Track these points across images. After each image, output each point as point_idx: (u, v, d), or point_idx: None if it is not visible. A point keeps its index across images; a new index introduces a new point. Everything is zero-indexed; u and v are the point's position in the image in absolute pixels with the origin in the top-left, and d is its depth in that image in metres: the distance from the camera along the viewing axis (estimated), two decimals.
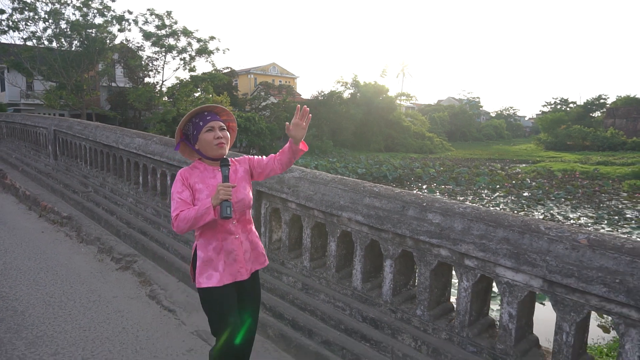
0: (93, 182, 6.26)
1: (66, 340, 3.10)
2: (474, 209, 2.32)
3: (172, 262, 4.18)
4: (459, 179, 29.35)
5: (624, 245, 1.86)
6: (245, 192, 2.13)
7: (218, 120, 2.08)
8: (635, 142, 45.33)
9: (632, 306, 1.78)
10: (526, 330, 2.28)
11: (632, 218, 19.58)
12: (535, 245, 2.03)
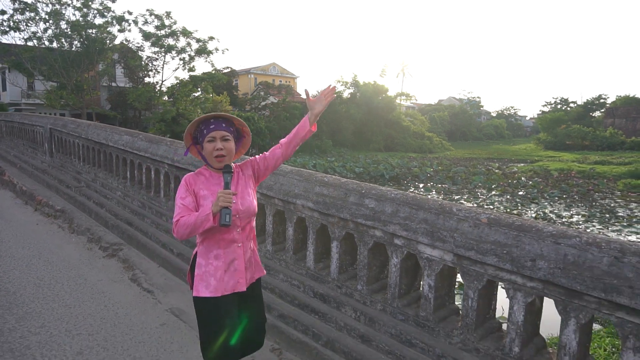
0: (85, 178, 6.63)
1: (52, 315, 3.46)
2: (402, 195, 2.67)
3: (154, 249, 4.53)
4: (456, 178, 29.65)
5: (514, 223, 2.20)
6: (250, 200, 2.10)
7: (221, 130, 2.01)
8: (634, 141, 45.49)
9: (517, 273, 2.12)
10: (446, 300, 2.63)
11: (624, 216, 19.83)
12: (447, 225, 2.38)
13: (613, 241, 1.92)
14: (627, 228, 17.66)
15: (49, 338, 3.12)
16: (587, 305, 1.95)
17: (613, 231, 17.12)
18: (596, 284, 1.86)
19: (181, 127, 34.20)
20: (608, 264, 1.85)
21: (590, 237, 1.97)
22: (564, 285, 1.95)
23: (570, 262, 1.94)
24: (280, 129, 45.90)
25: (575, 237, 2.00)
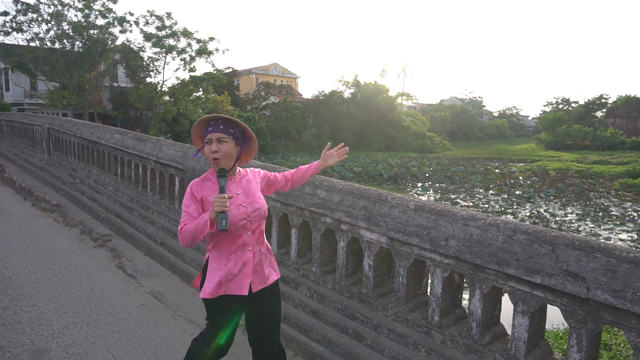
0: (80, 174, 7.01)
1: (43, 297, 3.83)
2: (348, 186, 3.02)
3: (140, 239, 4.90)
4: (454, 178, 29.94)
5: (435, 209, 2.55)
6: (261, 202, 2.09)
7: (217, 132, 1.98)
8: (634, 141, 45.61)
9: (434, 251, 2.47)
10: (386, 279, 2.98)
11: (617, 215, 20.09)
12: (382, 211, 2.72)
13: (510, 222, 2.26)
14: (619, 226, 17.94)
15: (39, 315, 3.49)
16: (487, 277, 2.29)
17: (605, 229, 17.42)
18: (492, 258, 2.20)
19: (182, 126, 34.63)
20: (502, 241, 2.20)
21: (493, 220, 2.32)
22: (469, 260, 2.29)
23: (475, 240, 2.29)
24: (280, 128, 46.30)
25: (481, 219, 2.34)
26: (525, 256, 2.09)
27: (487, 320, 2.40)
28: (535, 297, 2.12)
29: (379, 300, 2.84)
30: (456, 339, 2.44)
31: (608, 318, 1.91)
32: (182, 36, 34.74)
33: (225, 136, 1.98)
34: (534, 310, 2.15)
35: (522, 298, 2.18)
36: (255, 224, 2.07)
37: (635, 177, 29.13)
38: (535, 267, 2.05)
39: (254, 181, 2.16)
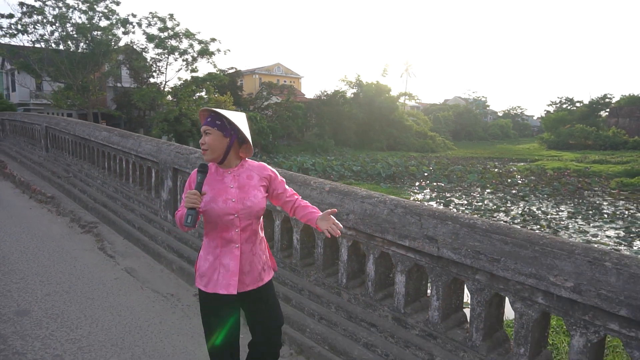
0: (73, 169, 7.62)
1: (31, 272, 4.42)
2: (282, 172, 3.57)
3: (121, 225, 5.48)
4: (451, 177, 30.36)
5: (343, 190, 3.09)
6: (255, 201, 2.04)
7: (205, 124, 2.03)
8: (637, 141, 45.69)
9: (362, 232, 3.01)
10: (312, 250, 3.53)
11: (609, 213, 20.42)
12: (304, 192, 3.27)
13: (394, 199, 2.81)
14: (609, 224, 18.28)
15: (26, 285, 4.08)
16: (377, 243, 2.84)
17: (594, 227, 17.79)
18: (378, 228, 2.74)
19: (183, 126, 35.33)
20: (386, 214, 2.74)
21: (382, 198, 2.86)
22: (362, 230, 2.84)
23: (367, 214, 2.83)
24: (282, 128, 46.89)
25: (374, 197, 2.89)
26: (400, 225, 2.64)
27: (381, 281, 2.95)
28: (409, 258, 2.67)
29: (305, 269, 3.39)
30: (358, 297, 2.99)
31: (454, 271, 2.45)
32: (184, 37, 35.48)
33: (210, 128, 2.00)
34: (409, 268, 2.70)
35: (400, 259, 2.72)
36: (244, 221, 2.02)
37: (632, 176, 29.39)
38: (406, 234, 2.59)
39: (257, 177, 2.11)
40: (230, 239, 2.02)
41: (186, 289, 4.09)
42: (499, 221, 18.02)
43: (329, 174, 30.72)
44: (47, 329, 3.31)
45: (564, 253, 2.02)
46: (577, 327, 2.00)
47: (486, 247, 2.24)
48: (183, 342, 3.22)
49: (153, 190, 5.30)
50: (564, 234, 16.46)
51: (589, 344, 1.97)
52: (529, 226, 17.37)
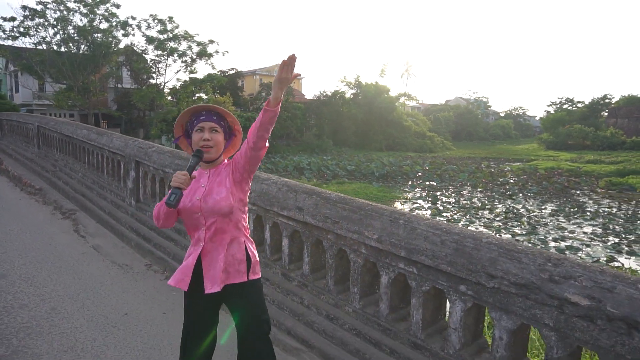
0: (60, 164, 8.48)
1: (12, 248, 5.25)
2: None
3: (95, 211, 6.31)
4: (444, 176, 31.06)
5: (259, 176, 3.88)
6: (218, 198, 1.99)
7: (210, 122, 2.00)
8: (634, 141, 46.07)
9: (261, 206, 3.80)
10: None
11: (591, 211, 21.04)
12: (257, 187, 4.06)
13: (286, 181, 3.59)
14: (589, 221, 18.92)
15: (6, 257, 4.91)
16: (270, 215, 3.62)
17: (574, 224, 18.45)
18: (269, 202, 3.53)
19: None
20: (275, 191, 3.53)
21: (275, 179, 3.64)
22: (260, 205, 3.63)
23: (264, 192, 3.62)
24: (281, 128, 47.72)
25: (270, 180, 3.67)
26: (283, 199, 3.42)
27: (276, 246, 3.73)
28: (289, 225, 3.45)
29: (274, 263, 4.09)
30: (296, 277, 3.72)
31: (315, 233, 3.23)
32: (182, 39, 36.46)
33: (217, 127, 2.01)
34: (290, 233, 3.48)
35: (285, 227, 3.51)
36: (209, 219, 2.00)
37: (623, 175, 29.93)
38: (285, 206, 3.38)
39: (224, 172, 2.07)
40: (198, 238, 2.03)
41: (139, 261, 4.90)
42: (482, 218, 18.77)
43: (324, 173, 31.50)
44: (19, 287, 4.13)
45: (377, 215, 2.80)
46: (383, 268, 2.78)
47: (332, 213, 3.03)
48: (127, 297, 4.02)
49: (122, 180, 6.12)
50: (541, 230, 17.17)
51: (390, 280, 2.75)
52: (509, 223, 18.09)
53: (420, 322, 2.58)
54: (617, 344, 1.83)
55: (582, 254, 14.32)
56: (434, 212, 19.93)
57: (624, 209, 21.68)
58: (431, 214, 19.48)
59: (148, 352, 3.12)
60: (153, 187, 5.38)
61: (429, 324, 2.60)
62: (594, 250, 14.89)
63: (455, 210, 20.60)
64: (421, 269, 2.53)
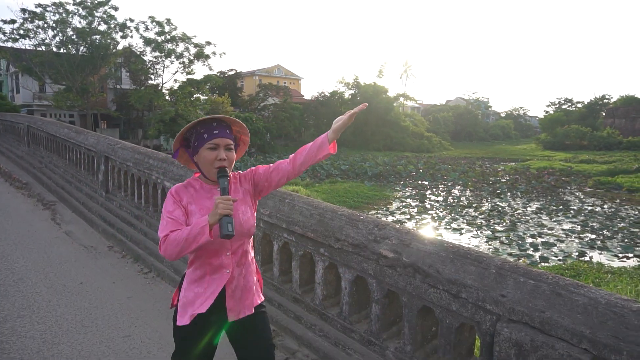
0: (45, 160, 9.21)
1: None
2: (161, 155, 5.06)
3: (72, 202, 7.02)
4: (436, 175, 31.68)
5: None
6: (245, 218, 1.85)
7: (225, 137, 1.81)
8: (630, 141, 46.46)
9: None
10: None
11: (575, 209, 21.60)
12: (169, 168, 4.74)
13: None
14: (570, 219, 19.48)
15: None
16: None
17: (555, 221, 19.03)
18: None
19: (179, 126, 36.96)
20: None
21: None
22: None
23: None
24: (279, 129, 48.49)
25: None
26: None
27: None
28: None
29: None
30: None
31: None
32: (180, 41, 37.25)
33: (232, 144, 1.84)
34: None
35: None
36: (236, 242, 1.83)
37: (613, 175, 30.43)
38: None
39: (241, 189, 1.90)
40: (220, 265, 1.82)
41: (104, 243, 5.60)
42: (466, 216, 19.36)
43: (318, 172, 32.18)
44: None
45: (271, 196, 3.47)
46: (274, 238, 3.45)
47: None
48: (85, 271, 4.72)
49: (95, 174, 6.83)
50: (522, 227, 17.76)
51: (279, 248, 3.42)
52: (492, 220, 18.70)
53: (298, 281, 3.25)
54: (407, 285, 2.49)
55: (556, 249, 14.90)
56: (420, 210, 20.56)
57: (606, 207, 22.22)
58: (417, 212, 20.10)
59: (93, 311, 3.80)
60: (119, 180, 6.09)
61: (305, 283, 3.27)
62: (567, 245, 15.48)
63: (442, 208, 21.21)
64: (297, 237, 3.20)
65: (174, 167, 4.72)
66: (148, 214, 5.31)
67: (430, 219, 18.67)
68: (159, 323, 3.59)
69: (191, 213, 1.78)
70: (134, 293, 4.17)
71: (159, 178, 4.91)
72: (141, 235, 5.12)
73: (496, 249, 14.48)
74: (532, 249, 14.80)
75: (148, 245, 4.86)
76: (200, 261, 1.83)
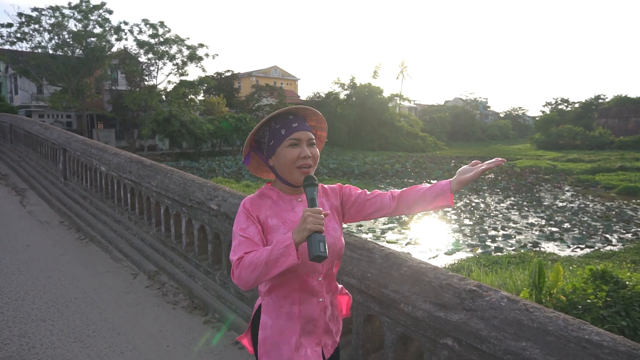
0: (24, 155, 10.47)
1: None
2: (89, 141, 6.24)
3: (39, 189, 8.24)
4: (421, 174, 32.81)
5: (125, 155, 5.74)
6: (337, 236, 1.57)
7: (307, 130, 1.49)
8: (621, 141, 47.29)
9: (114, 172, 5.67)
10: None
11: (547, 205, 22.64)
12: (106, 157, 5.92)
13: (135, 157, 5.43)
14: (539, 214, 20.51)
15: None
16: (121, 179, 5.47)
17: (522, 215, 20.08)
18: (120, 169, 5.38)
19: (172, 126, 38.13)
20: (124, 162, 5.37)
21: (128, 155, 5.49)
22: (114, 172, 5.48)
23: (120, 164, 5.47)
24: None
25: (122, 155, 5.52)
26: (126, 166, 5.27)
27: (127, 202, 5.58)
28: (128, 182, 5.30)
29: (116, 205, 6.03)
30: (129, 215, 5.61)
31: (139, 187, 5.07)
32: (173, 43, 38.60)
33: (314, 138, 1.54)
34: (131, 188, 5.32)
35: (124, 182, 5.35)
36: (327, 265, 1.55)
37: (594, 173, 31.40)
38: (129, 170, 5.22)
39: (327, 204, 1.63)
40: (311, 291, 1.54)
41: (57, 219, 6.80)
42: (439, 211, 20.35)
43: None
44: None
45: (159, 172, 4.63)
46: (160, 203, 4.62)
47: (144, 173, 4.87)
48: (34, 238, 5.92)
49: (57, 164, 8.04)
50: (489, 221, 18.82)
51: (163, 211, 4.58)
52: (463, 214, 19.78)
53: (174, 235, 4.42)
54: (223, 227, 3.64)
55: (514, 240, 15.97)
56: None
57: (577, 202, 23.24)
58: None
59: (29, 263, 4.99)
60: (74, 167, 7.29)
61: (180, 236, 4.43)
62: (526, 237, 16.59)
63: None
64: (171, 201, 4.37)
65: (106, 154, 5.90)
66: (91, 194, 6.51)
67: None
68: (77, 270, 4.77)
69: (272, 229, 1.49)
70: (66, 252, 5.36)
71: (97, 164, 6.11)
72: (84, 211, 6.31)
73: (457, 240, 15.56)
74: (491, 240, 15.89)
75: (87, 218, 6.05)
76: (286, 289, 1.52)
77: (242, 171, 32.45)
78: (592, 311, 6.40)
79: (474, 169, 1.56)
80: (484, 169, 1.53)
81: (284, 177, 1.52)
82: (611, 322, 6.25)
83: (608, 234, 17.05)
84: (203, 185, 3.99)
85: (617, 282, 7.05)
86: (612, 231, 17.32)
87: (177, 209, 4.32)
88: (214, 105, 48.56)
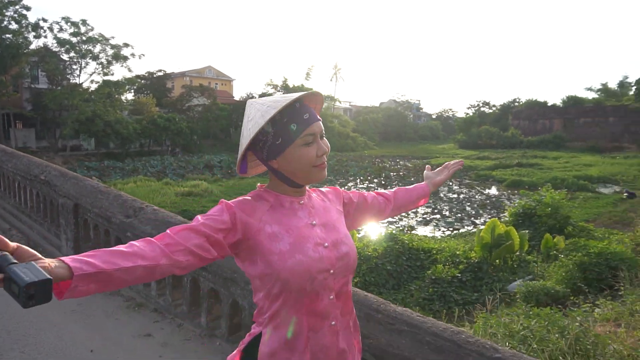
0: None
1: None
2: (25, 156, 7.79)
3: None
4: (340, 171, 35.43)
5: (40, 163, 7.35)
6: (350, 243, 1.35)
7: (319, 120, 1.27)
8: (530, 141, 52.49)
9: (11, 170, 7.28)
10: None
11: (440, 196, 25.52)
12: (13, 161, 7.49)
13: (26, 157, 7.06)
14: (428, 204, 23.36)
15: None
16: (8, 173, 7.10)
17: None
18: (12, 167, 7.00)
19: (97, 126, 38.34)
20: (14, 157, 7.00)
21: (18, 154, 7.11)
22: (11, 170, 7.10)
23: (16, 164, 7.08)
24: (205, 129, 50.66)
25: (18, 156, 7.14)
26: (24, 167, 6.90)
27: None
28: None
29: None
30: None
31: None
32: (96, 42, 38.86)
33: (323, 130, 1.30)
34: (30, 188, 6.97)
35: (29, 185, 6.99)
36: (341, 280, 1.30)
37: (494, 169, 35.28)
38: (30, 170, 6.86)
39: (333, 206, 1.42)
40: (322, 314, 1.27)
41: None
42: None
43: (232, 170, 35.02)
44: None
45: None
46: None
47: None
48: None
49: None
50: None
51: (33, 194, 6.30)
52: None
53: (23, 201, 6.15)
54: (47, 191, 5.45)
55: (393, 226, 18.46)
56: None
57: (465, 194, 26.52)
58: None
59: None
60: None
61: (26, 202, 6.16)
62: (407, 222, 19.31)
63: None
64: (21, 177, 6.11)
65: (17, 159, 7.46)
66: None
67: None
68: None
69: (271, 237, 1.22)
70: None
71: None
72: None
73: None
74: None
75: None
76: (294, 310, 1.24)
77: (165, 170, 33.60)
78: (371, 260, 8.83)
79: (443, 172, 1.82)
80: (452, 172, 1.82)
81: (292, 179, 1.28)
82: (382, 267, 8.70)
83: (477, 218, 20.14)
84: (39, 164, 5.77)
85: (399, 242, 9.63)
86: (481, 216, 20.42)
87: (24, 183, 6.05)
88: (144, 105, 48.91)
